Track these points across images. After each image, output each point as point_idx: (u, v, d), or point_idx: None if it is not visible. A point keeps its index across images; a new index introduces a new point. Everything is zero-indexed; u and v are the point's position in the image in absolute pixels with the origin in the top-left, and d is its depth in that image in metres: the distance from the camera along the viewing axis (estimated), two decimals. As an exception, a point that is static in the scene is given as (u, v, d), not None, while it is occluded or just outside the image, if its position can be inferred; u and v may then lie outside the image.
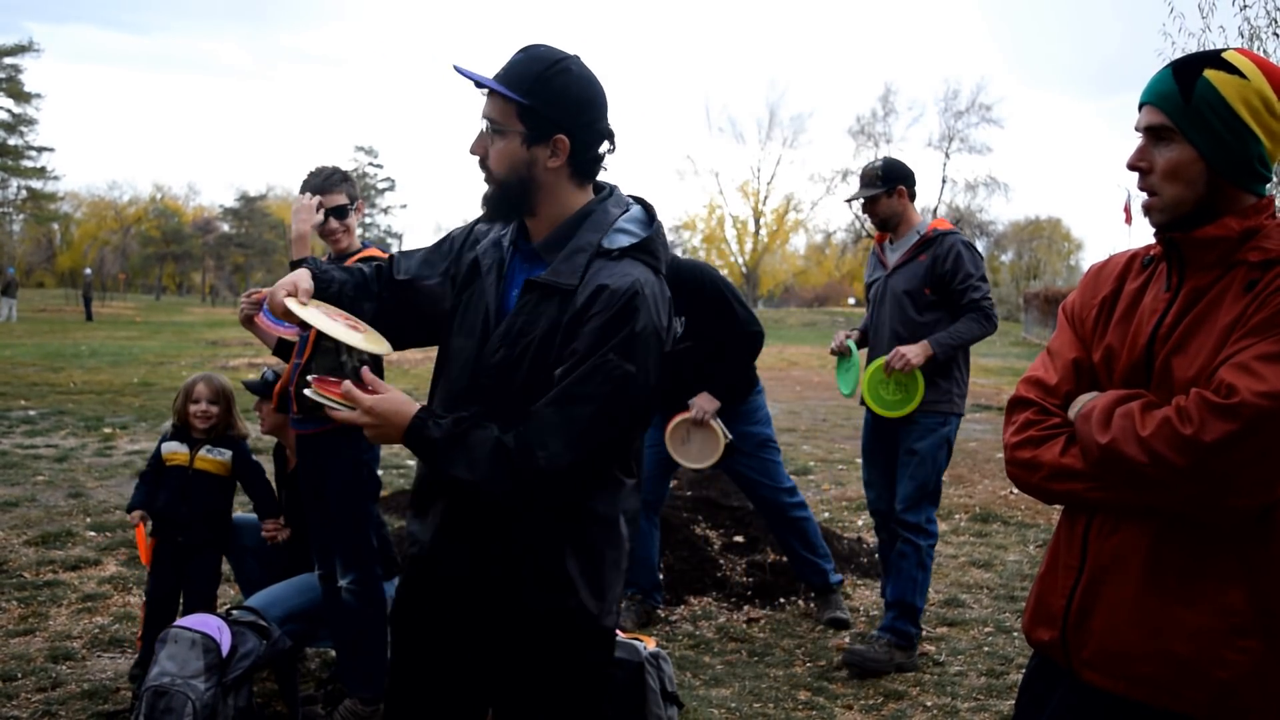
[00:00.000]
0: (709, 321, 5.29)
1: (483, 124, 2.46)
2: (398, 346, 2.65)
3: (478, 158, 2.47)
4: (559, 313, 2.38)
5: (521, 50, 2.45)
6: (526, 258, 2.53)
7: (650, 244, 2.48)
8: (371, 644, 4.42)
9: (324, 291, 2.61)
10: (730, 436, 5.55)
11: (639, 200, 2.59)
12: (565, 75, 2.40)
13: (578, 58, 2.46)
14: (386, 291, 2.71)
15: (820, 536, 6.05)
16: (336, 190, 4.36)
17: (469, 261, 2.61)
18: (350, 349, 2.56)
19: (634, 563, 5.76)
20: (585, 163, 2.47)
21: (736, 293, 5.53)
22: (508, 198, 2.46)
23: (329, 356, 4.27)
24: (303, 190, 4.34)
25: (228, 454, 4.87)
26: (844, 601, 6.01)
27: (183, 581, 4.79)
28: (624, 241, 2.44)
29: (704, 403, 5.49)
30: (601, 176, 2.56)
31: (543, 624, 2.47)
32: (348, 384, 2.38)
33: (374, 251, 4.45)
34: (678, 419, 5.53)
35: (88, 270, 54.20)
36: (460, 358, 2.53)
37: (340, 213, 4.35)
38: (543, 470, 2.30)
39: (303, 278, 2.56)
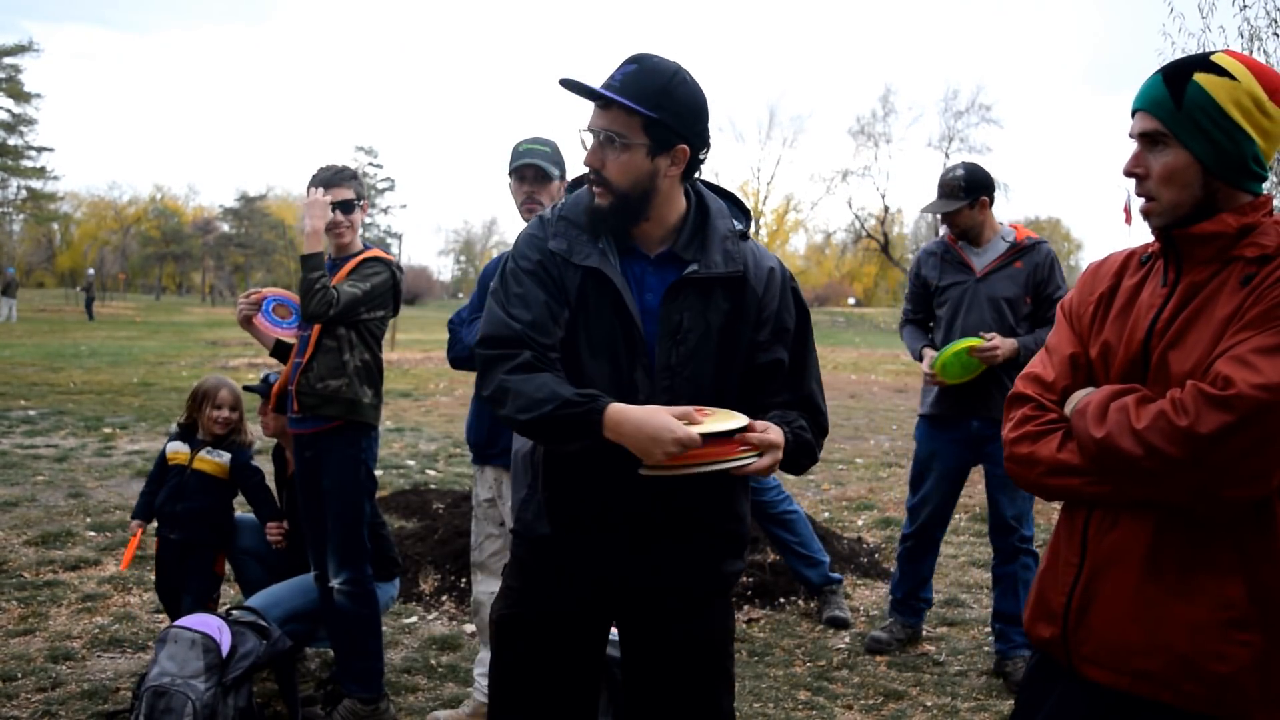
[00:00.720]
0: None
1: (594, 134, 2.46)
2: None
3: (591, 170, 2.48)
4: (733, 300, 2.53)
5: (632, 61, 2.46)
6: (652, 263, 2.54)
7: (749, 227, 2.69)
8: (366, 644, 4.42)
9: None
10: None
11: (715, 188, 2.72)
12: (685, 86, 2.46)
13: (686, 68, 2.50)
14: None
15: (813, 533, 6.05)
16: (345, 185, 4.38)
17: (579, 279, 2.50)
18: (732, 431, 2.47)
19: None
20: (694, 166, 2.54)
21: None
22: (627, 208, 2.48)
23: (331, 356, 4.28)
24: (312, 185, 4.35)
25: (226, 456, 4.88)
26: (844, 601, 6.00)
27: (181, 579, 4.79)
28: (740, 226, 2.62)
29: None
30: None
31: (721, 586, 2.70)
32: (748, 434, 2.36)
33: (376, 252, 4.45)
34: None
35: (90, 270, 54.17)
36: (607, 367, 2.49)
37: (347, 207, 4.37)
38: (826, 429, 2.67)
39: (672, 412, 2.37)
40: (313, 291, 4.16)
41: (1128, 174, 2.13)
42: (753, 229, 2.73)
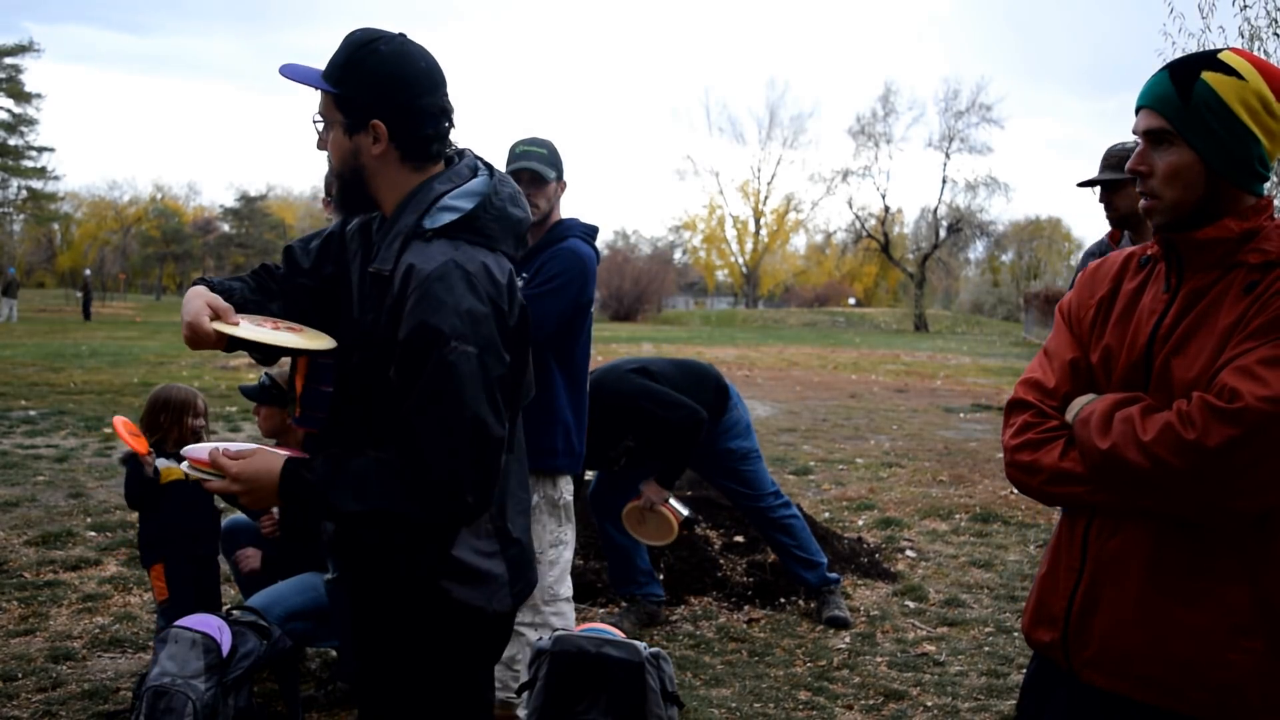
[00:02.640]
0: (645, 429, 5.33)
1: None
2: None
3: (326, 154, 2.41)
4: (385, 298, 2.27)
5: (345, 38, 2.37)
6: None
7: (474, 221, 2.32)
8: None
9: (227, 300, 2.44)
10: (685, 513, 5.56)
11: (488, 166, 2.47)
12: (374, 57, 2.29)
13: (398, 36, 2.36)
14: (289, 286, 2.59)
15: (811, 536, 6.04)
16: None
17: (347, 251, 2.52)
18: (294, 351, 2.46)
19: (625, 566, 5.77)
20: (414, 144, 2.34)
21: (659, 394, 5.37)
22: (346, 190, 2.39)
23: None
24: (328, 180, 4.34)
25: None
26: (843, 601, 6.01)
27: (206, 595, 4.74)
28: (445, 219, 2.29)
29: (652, 493, 5.40)
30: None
31: (424, 618, 2.41)
32: (213, 451, 2.28)
33: None
34: (630, 505, 5.47)
35: (88, 271, 54.01)
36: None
37: None
38: (432, 481, 2.17)
39: (209, 296, 2.38)
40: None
41: (1131, 171, 2.12)
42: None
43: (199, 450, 2.35)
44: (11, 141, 57.18)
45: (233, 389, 4.89)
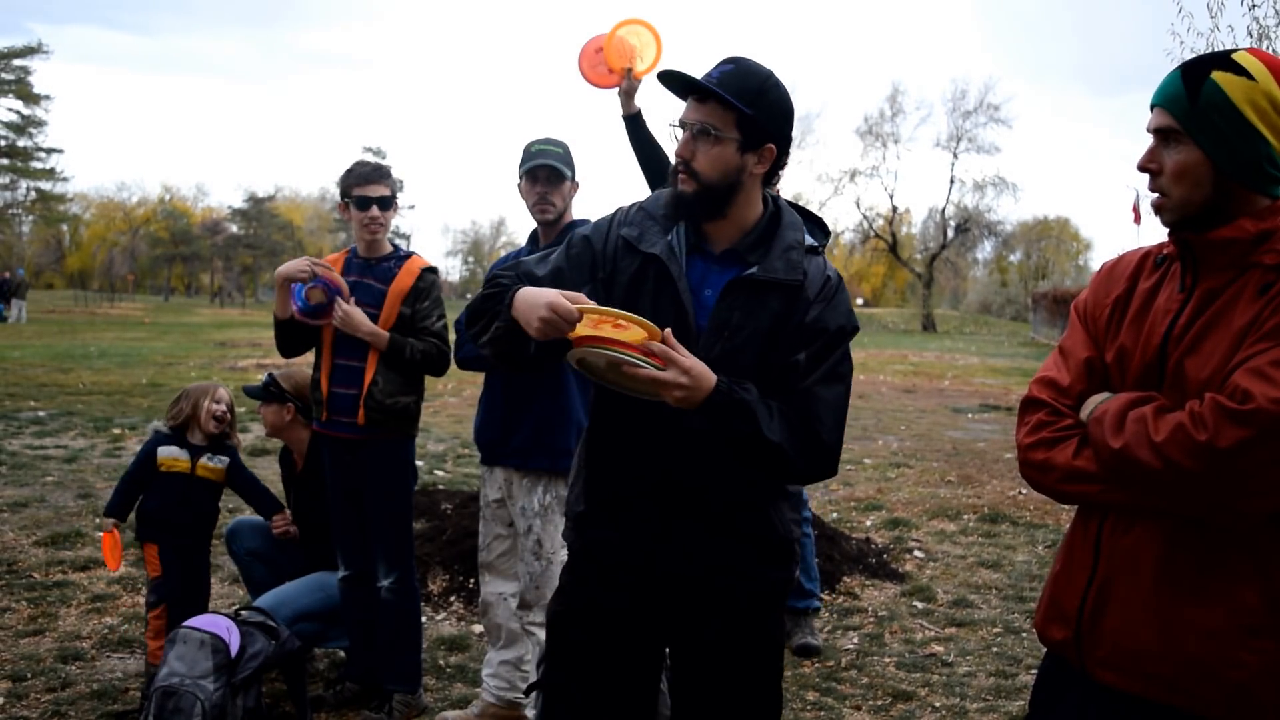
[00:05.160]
0: None
1: (687, 127, 2.55)
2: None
3: (680, 159, 2.56)
4: (786, 305, 2.54)
5: (729, 61, 2.55)
6: (716, 260, 2.62)
7: (824, 241, 2.71)
8: (411, 639, 4.52)
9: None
10: None
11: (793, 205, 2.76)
12: (778, 90, 2.55)
13: (777, 75, 2.59)
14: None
15: (814, 562, 5.84)
16: (383, 183, 4.42)
17: (637, 264, 2.61)
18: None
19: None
20: (775, 169, 2.62)
21: None
22: (711, 199, 2.55)
23: (397, 372, 4.32)
24: (349, 182, 4.37)
25: (225, 460, 4.89)
26: (816, 626, 5.72)
27: (187, 582, 4.79)
28: (814, 240, 2.66)
29: None
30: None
31: (766, 594, 2.66)
32: (656, 343, 2.35)
33: (421, 261, 4.45)
34: None
35: (20, 270, 52.65)
36: None
37: (384, 203, 4.39)
38: (826, 444, 2.51)
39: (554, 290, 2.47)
40: (424, 364, 4.36)
41: (1141, 169, 2.11)
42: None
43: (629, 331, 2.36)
44: (20, 143, 57.28)
45: (238, 392, 4.88)
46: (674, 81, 2.55)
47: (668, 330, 2.38)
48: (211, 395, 4.84)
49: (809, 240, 2.63)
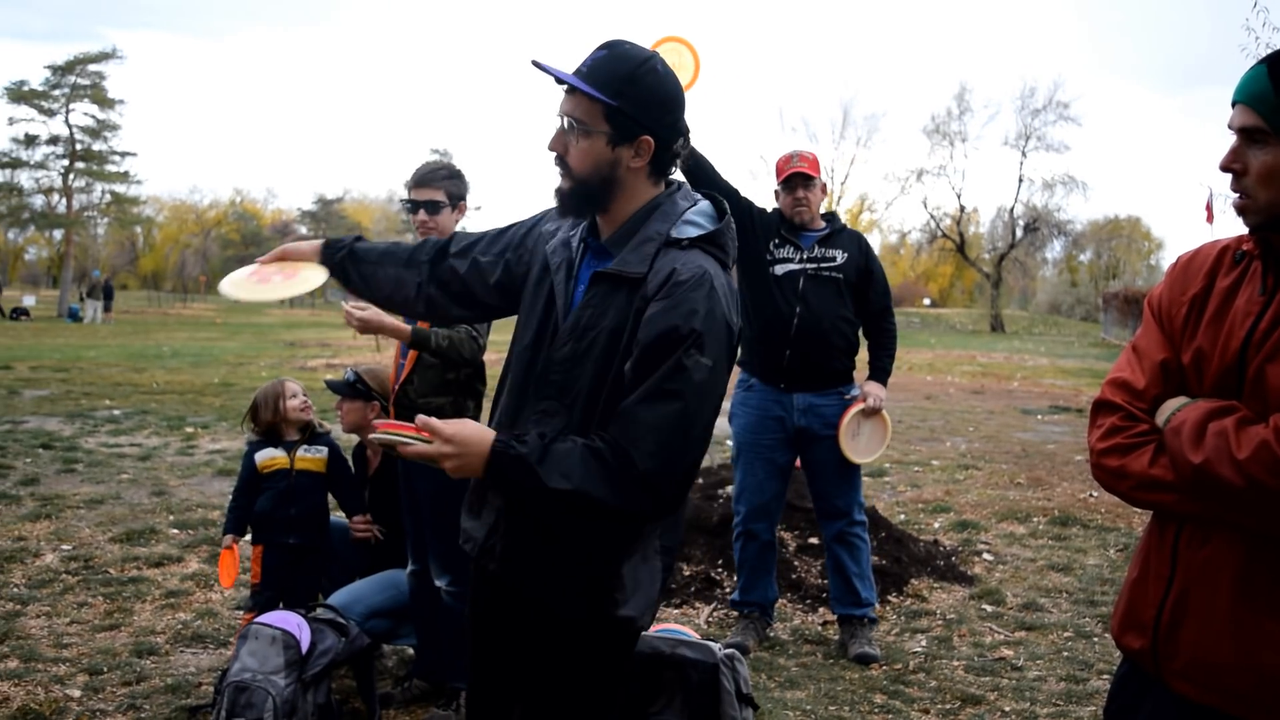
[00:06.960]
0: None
1: (561, 120, 2.43)
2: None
3: (555, 154, 2.45)
4: (627, 304, 2.35)
5: (604, 47, 2.42)
6: (597, 254, 2.51)
7: (719, 237, 2.45)
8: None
9: (362, 262, 2.82)
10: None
11: (710, 196, 2.56)
12: (653, 75, 2.38)
13: (660, 56, 2.43)
14: (435, 264, 2.78)
15: (870, 567, 5.63)
16: (434, 186, 4.38)
17: (539, 260, 2.60)
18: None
19: (755, 580, 5.62)
20: (664, 161, 2.46)
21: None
22: (586, 195, 2.44)
23: (433, 372, 4.30)
24: (407, 185, 4.40)
25: (325, 450, 4.84)
26: (884, 630, 5.70)
27: (294, 583, 4.76)
28: (692, 232, 2.42)
29: (878, 390, 5.42)
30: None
31: (584, 628, 2.48)
32: (423, 416, 2.31)
33: None
34: (852, 410, 5.34)
35: (96, 271, 53.77)
36: (526, 355, 2.53)
37: (431, 208, 4.36)
38: (642, 474, 2.23)
39: (301, 247, 2.73)
40: (448, 351, 4.21)
41: (1224, 169, 2.01)
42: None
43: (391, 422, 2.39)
44: (96, 147, 58.21)
45: (310, 390, 4.89)
46: (544, 71, 2.39)
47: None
48: (285, 393, 4.83)
49: (685, 233, 2.41)
